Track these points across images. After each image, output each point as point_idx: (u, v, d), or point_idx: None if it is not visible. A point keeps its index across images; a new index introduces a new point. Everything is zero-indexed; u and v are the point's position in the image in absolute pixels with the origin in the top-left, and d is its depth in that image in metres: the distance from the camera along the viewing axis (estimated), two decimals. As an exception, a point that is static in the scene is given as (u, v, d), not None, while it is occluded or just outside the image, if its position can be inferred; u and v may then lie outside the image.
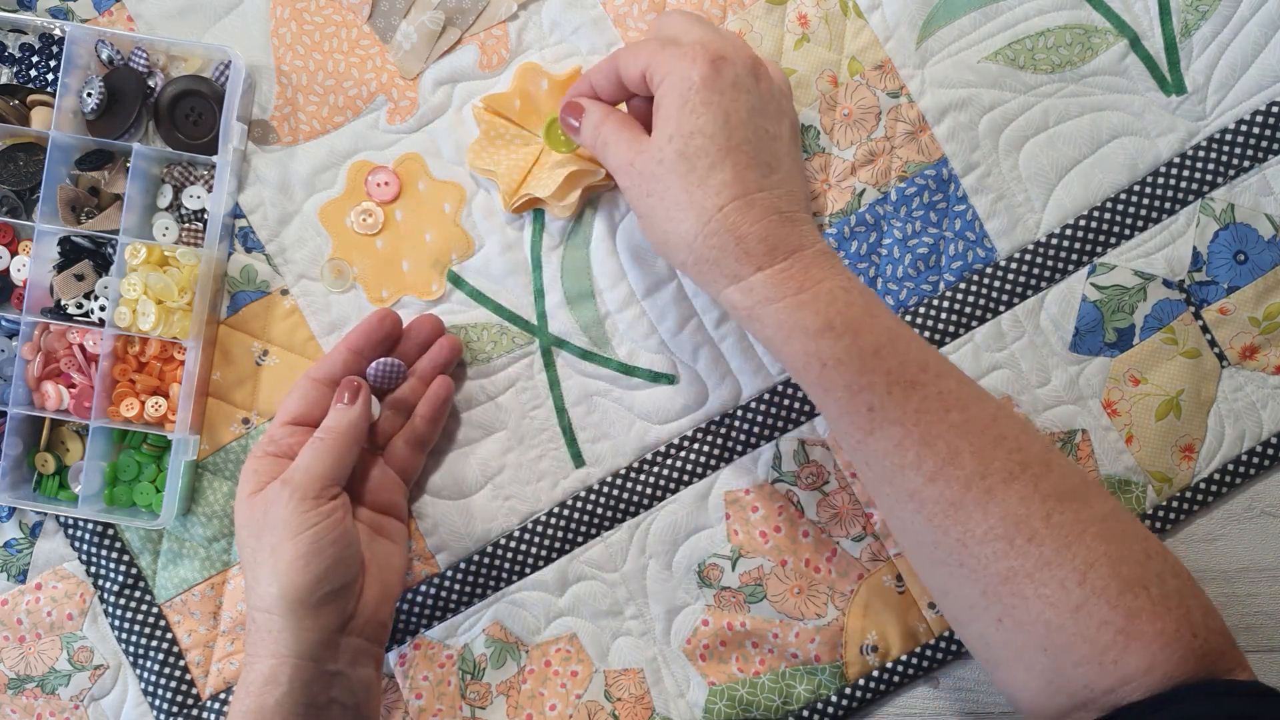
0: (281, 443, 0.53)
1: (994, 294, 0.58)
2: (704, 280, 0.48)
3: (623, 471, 0.59)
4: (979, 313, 0.58)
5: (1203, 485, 0.58)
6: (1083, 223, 0.58)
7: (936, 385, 0.46)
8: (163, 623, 0.59)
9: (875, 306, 0.47)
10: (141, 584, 0.60)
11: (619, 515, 0.59)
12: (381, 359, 0.56)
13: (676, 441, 0.59)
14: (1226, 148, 0.58)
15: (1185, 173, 0.58)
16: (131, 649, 0.59)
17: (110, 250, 0.59)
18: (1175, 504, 0.58)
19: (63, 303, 0.58)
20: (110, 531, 0.60)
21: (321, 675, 0.50)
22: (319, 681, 0.50)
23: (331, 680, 0.51)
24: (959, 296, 0.58)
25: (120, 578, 0.59)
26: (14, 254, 0.59)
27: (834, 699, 0.58)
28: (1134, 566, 0.43)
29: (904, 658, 0.58)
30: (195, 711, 0.59)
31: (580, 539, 0.59)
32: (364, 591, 0.53)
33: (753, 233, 0.46)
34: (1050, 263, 0.58)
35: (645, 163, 0.48)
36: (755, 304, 0.46)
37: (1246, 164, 0.58)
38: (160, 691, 0.59)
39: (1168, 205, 0.58)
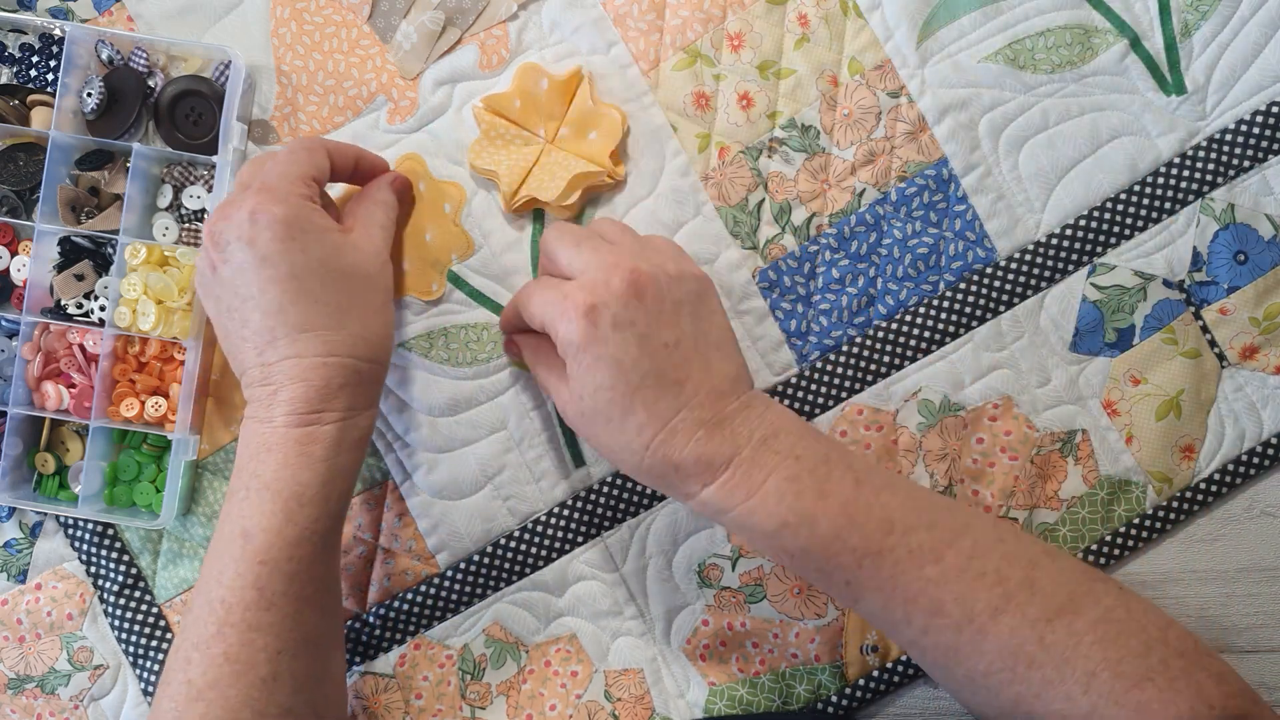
0: (314, 196, 0.51)
1: (994, 294, 0.58)
2: (669, 495, 0.50)
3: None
4: (979, 313, 0.58)
5: (1203, 485, 0.58)
6: (1083, 223, 0.58)
7: (905, 544, 0.46)
8: (163, 623, 0.59)
9: (828, 483, 0.47)
10: (141, 584, 0.60)
11: (619, 515, 0.59)
12: None
13: (676, 441, 0.59)
14: (1226, 148, 0.58)
15: (1185, 173, 0.58)
16: (131, 649, 0.60)
17: (110, 250, 0.59)
18: (1175, 504, 0.58)
19: (63, 303, 0.58)
20: (110, 531, 0.60)
21: None
22: None
23: None
24: (959, 296, 0.58)
25: (120, 578, 0.59)
26: (14, 254, 0.59)
27: (834, 699, 0.58)
28: (1136, 663, 0.44)
29: (904, 658, 0.58)
30: (195, 711, 0.59)
31: (580, 539, 0.59)
32: None
33: (685, 458, 0.47)
34: (1050, 263, 0.58)
35: (573, 413, 0.49)
36: (715, 513, 0.48)
37: (1246, 164, 0.58)
38: (160, 691, 0.59)
39: (1168, 205, 0.58)
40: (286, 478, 0.48)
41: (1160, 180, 0.58)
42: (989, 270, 0.58)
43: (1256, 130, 0.58)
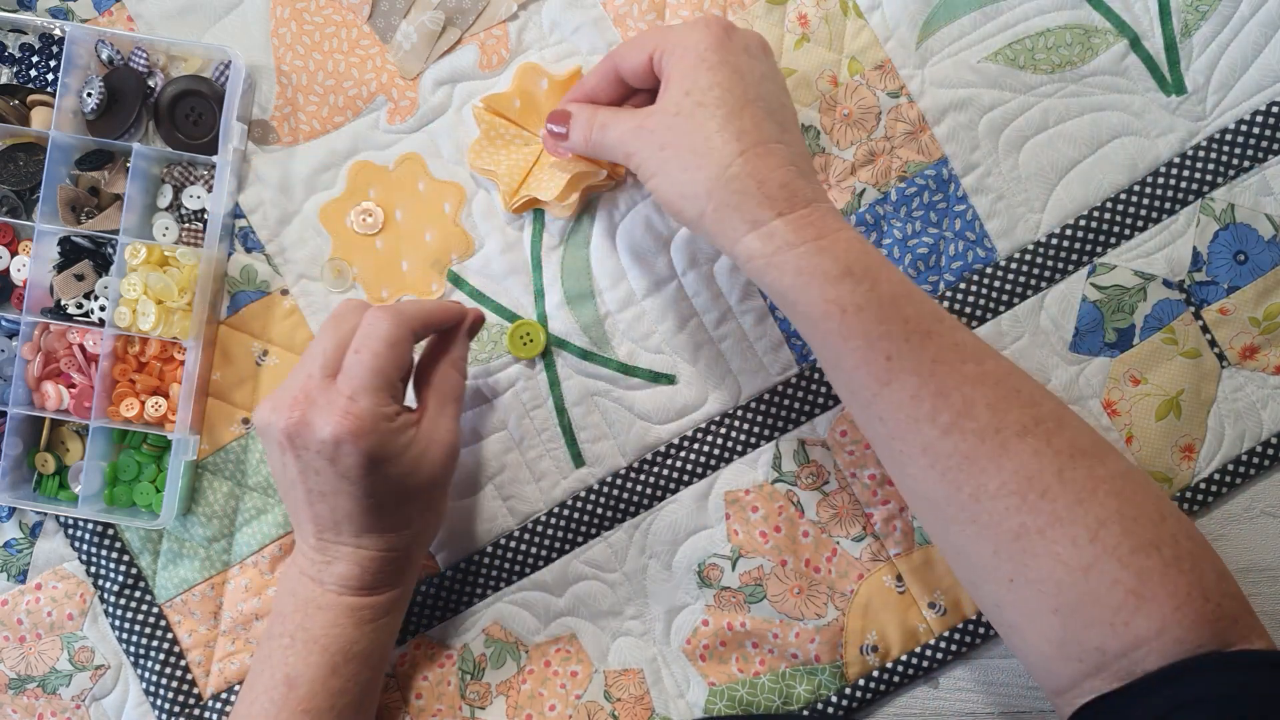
0: (398, 402, 0.50)
1: (994, 294, 0.58)
2: (721, 228, 0.47)
3: (623, 471, 0.59)
4: (979, 313, 0.58)
5: (1203, 485, 0.58)
6: (1083, 223, 0.58)
7: (952, 336, 0.46)
8: (163, 623, 0.59)
9: (887, 261, 0.47)
10: (142, 584, 0.60)
11: (619, 515, 0.59)
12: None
13: (676, 441, 0.59)
14: (1226, 148, 0.58)
15: (1185, 173, 0.58)
16: (132, 649, 0.60)
17: (110, 250, 0.59)
18: (1175, 504, 0.58)
19: (63, 303, 0.58)
20: (110, 531, 0.60)
21: None
22: None
23: None
24: (959, 296, 0.58)
25: (120, 578, 0.59)
26: (14, 254, 0.59)
27: (834, 699, 0.58)
28: (1147, 526, 0.43)
29: (904, 658, 0.58)
30: (197, 711, 0.59)
31: (580, 539, 0.59)
32: None
33: (773, 178, 0.46)
34: (1050, 263, 0.58)
35: (659, 119, 0.48)
36: (776, 249, 0.46)
37: (1246, 164, 0.58)
38: (161, 691, 0.59)
39: (1168, 205, 0.58)
40: (335, 635, 0.50)
41: (1160, 180, 0.58)
42: (989, 270, 0.58)
43: (1256, 130, 0.58)
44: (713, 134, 0.46)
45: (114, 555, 0.59)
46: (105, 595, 0.60)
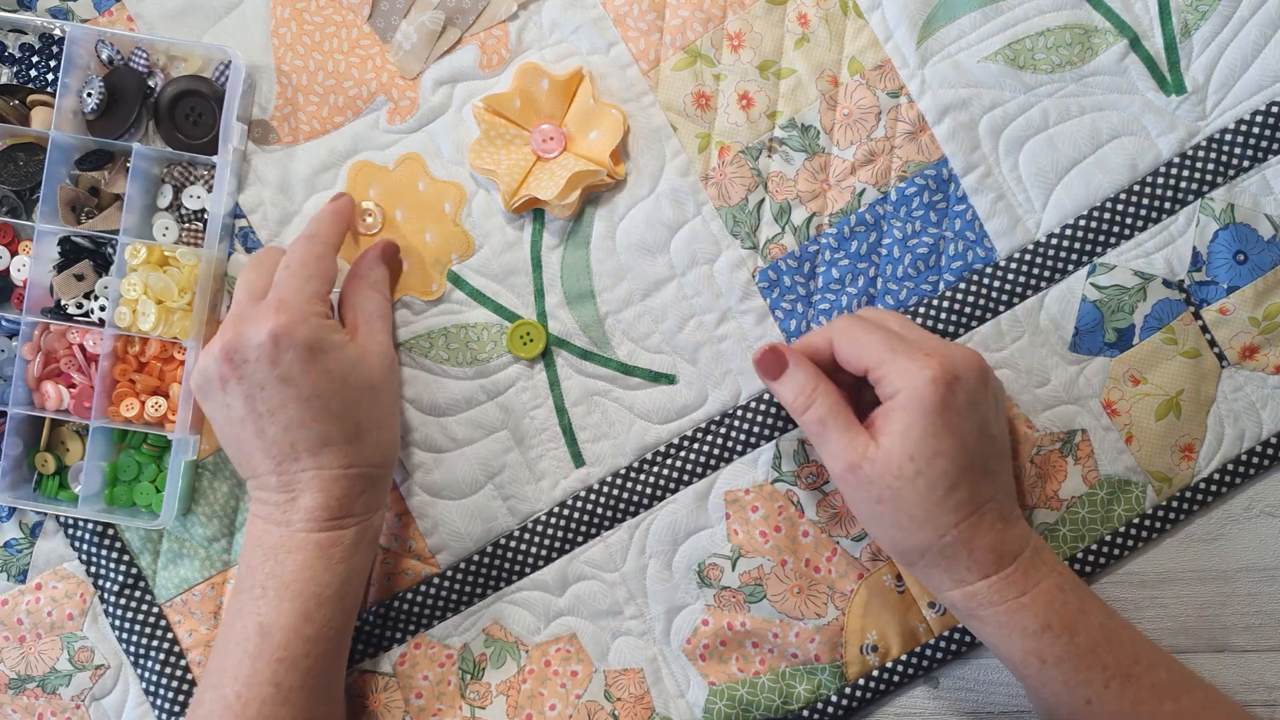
0: (326, 310, 0.52)
1: (994, 294, 0.58)
2: (927, 579, 0.50)
3: (623, 471, 0.59)
4: (979, 313, 0.58)
5: (1203, 485, 0.58)
6: (1083, 223, 0.58)
7: (1150, 676, 0.48)
8: (163, 623, 0.59)
9: (1087, 601, 0.49)
10: (142, 584, 0.60)
11: (619, 515, 0.59)
12: None
13: (676, 441, 0.59)
14: (1226, 148, 0.58)
15: (1185, 173, 0.58)
16: (132, 649, 0.60)
17: (110, 250, 0.59)
18: (1175, 504, 0.58)
19: (63, 303, 0.58)
20: (110, 531, 0.60)
21: None
22: None
23: None
24: (959, 296, 0.58)
25: (120, 578, 0.59)
26: (14, 254, 0.59)
27: (834, 699, 0.58)
28: None
29: (904, 658, 0.58)
30: (195, 711, 0.59)
31: (580, 539, 0.59)
32: None
33: (983, 544, 0.48)
34: (1050, 263, 0.58)
35: (879, 473, 0.48)
36: (978, 606, 0.49)
37: (1246, 164, 0.58)
38: (161, 691, 0.59)
39: (1168, 205, 0.58)
40: (307, 578, 0.50)
41: (1160, 180, 0.58)
42: (989, 270, 0.58)
43: (1256, 130, 0.58)
44: (932, 505, 0.48)
45: (114, 555, 0.59)
46: (105, 595, 0.60)
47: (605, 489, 0.59)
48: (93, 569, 0.60)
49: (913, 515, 0.48)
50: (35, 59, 0.60)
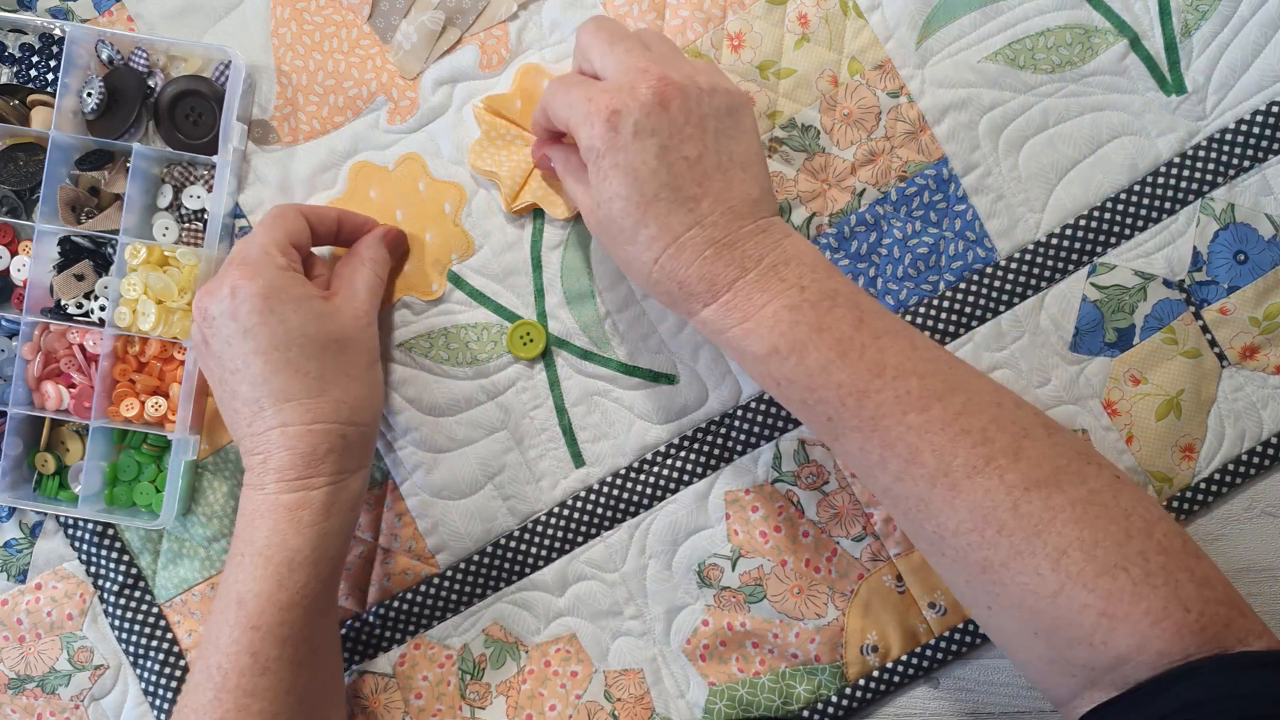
0: (294, 263, 0.52)
1: (994, 294, 0.58)
2: (671, 310, 0.51)
3: (623, 471, 0.59)
4: (979, 313, 0.58)
5: (1203, 485, 0.58)
6: (1083, 223, 0.58)
7: (893, 388, 0.46)
8: (163, 623, 0.59)
9: (828, 317, 0.46)
10: (141, 584, 0.60)
11: (619, 515, 0.59)
12: None
13: (677, 441, 0.59)
14: (1226, 148, 0.58)
15: (1185, 173, 0.58)
16: (132, 649, 0.60)
17: (110, 250, 0.59)
18: (1175, 504, 0.58)
19: (63, 303, 0.58)
20: (110, 531, 0.60)
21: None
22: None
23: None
24: (959, 296, 0.58)
25: (120, 578, 0.59)
26: (14, 254, 0.59)
27: (834, 699, 0.58)
28: (1110, 549, 0.43)
29: (904, 658, 0.58)
30: (195, 711, 0.59)
31: (580, 539, 0.59)
32: None
33: (690, 275, 0.47)
34: (1050, 263, 0.58)
35: (593, 222, 0.50)
36: (711, 334, 0.48)
37: (1246, 164, 0.58)
38: (161, 691, 0.59)
39: (1168, 205, 0.58)
40: (277, 543, 0.49)
41: (1160, 180, 0.58)
42: (989, 270, 0.58)
43: (1256, 130, 0.58)
44: (625, 246, 0.48)
45: (114, 555, 0.59)
46: (105, 595, 0.60)
47: (605, 489, 0.59)
48: (92, 569, 0.60)
49: (620, 257, 0.49)
50: (35, 59, 0.60)
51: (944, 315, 0.58)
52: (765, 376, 0.47)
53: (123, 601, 0.59)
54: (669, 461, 0.59)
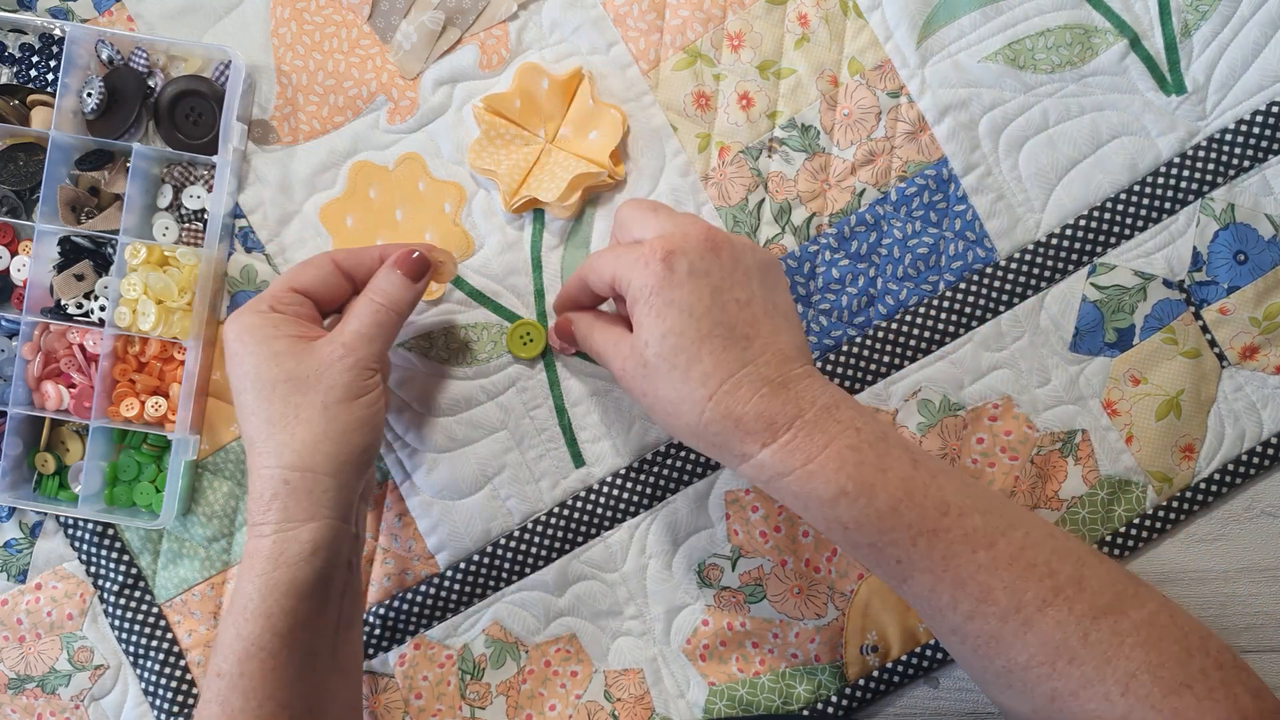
0: (290, 307, 0.51)
1: (994, 294, 0.58)
2: (719, 458, 0.49)
3: (623, 471, 0.59)
4: (979, 313, 0.58)
5: (1203, 485, 0.58)
6: (1083, 223, 0.58)
7: (960, 527, 0.46)
8: (163, 623, 0.59)
9: (886, 457, 0.47)
10: (141, 584, 0.60)
11: (619, 515, 0.59)
12: None
13: (677, 441, 0.59)
14: (1226, 148, 0.58)
15: (1185, 173, 0.58)
16: (132, 649, 0.60)
17: (110, 250, 0.59)
18: (1175, 504, 0.58)
19: (63, 303, 0.58)
20: (110, 531, 0.60)
21: (350, 537, 0.51)
22: (348, 544, 0.51)
23: (354, 543, 0.52)
24: (959, 296, 0.58)
25: (120, 578, 0.59)
26: (14, 254, 0.59)
27: (834, 699, 0.58)
28: (1175, 669, 0.44)
29: (904, 658, 0.58)
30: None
31: (580, 539, 0.59)
32: None
33: (748, 412, 0.46)
34: (1050, 263, 0.58)
35: (633, 367, 0.48)
36: (769, 479, 0.47)
37: (1246, 164, 0.58)
38: (160, 691, 0.59)
39: (1168, 205, 0.58)
40: (237, 591, 0.49)
41: (1160, 180, 0.58)
42: (989, 270, 0.58)
43: (1256, 130, 0.58)
44: (679, 384, 0.47)
45: (114, 555, 0.59)
46: (105, 595, 0.60)
47: (605, 489, 0.59)
48: (92, 569, 0.60)
49: (668, 399, 0.47)
50: (35, 59, 0.60)
51: (944, 315, 0.58)
52: (832, 521, 0.46)
53: (123, 601, 0.59)
54: (669, 461, 0.59)
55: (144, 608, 0.59)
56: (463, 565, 0.59)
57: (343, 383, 0.49)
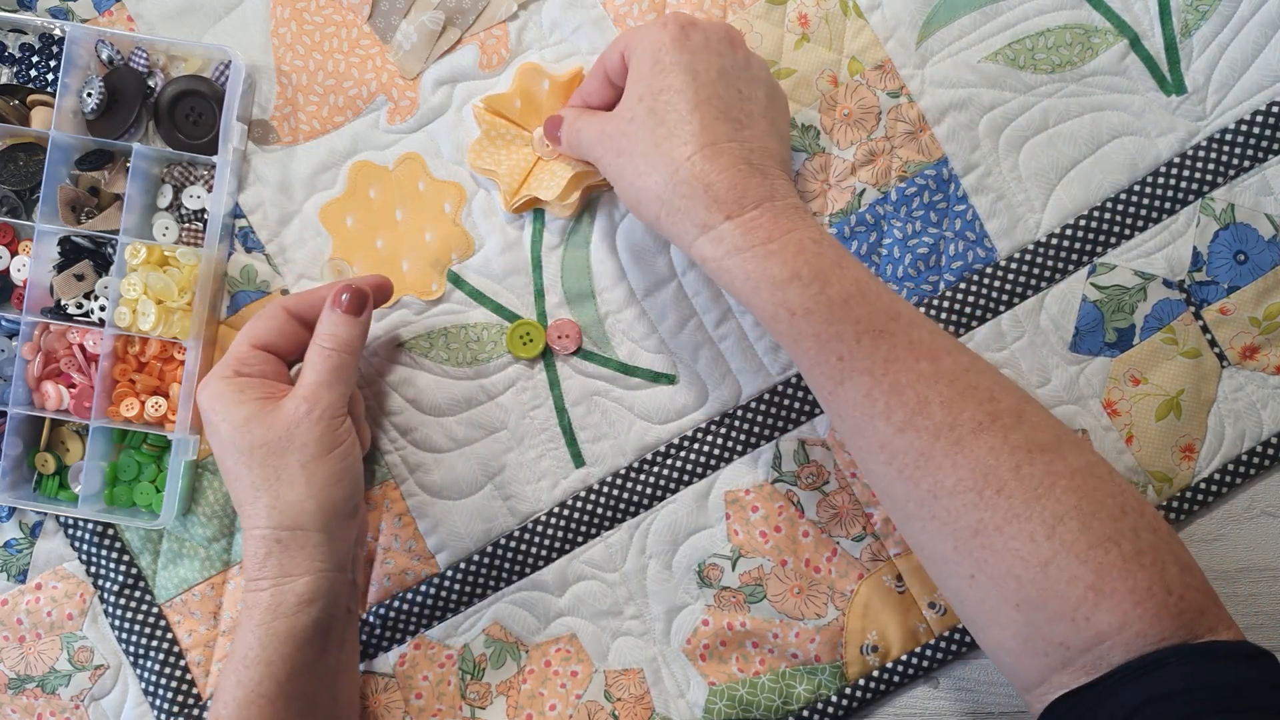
0: (253, 366, 0.52)
1: (994, 294, 0.58)
2: (676, 232, 0.48)
3: (623, 471, 0.59)
4: (979, 313, 0.58)
5: (1203, 485, 0.58)
6: (1083, 223, 0.58)
7: (907, 334, 0.45)
8: (163, 623, 0.59)
9: (845, 258, 0.47)
10: (141, 584, 0.60)
11: (619, 515, 0.59)
12: None
13: (676, 441, 0.59)
14: (1226, 148, 0.58)
15: (1185, 173, 0.58)
16: (132, 649, 0.60)
17: (110, 250, 0.59)
18: (1175, 504, 0.58)
19: (63, 303, 0.58)
20: (110, 531, 0.60)
21: (347, 584, 0.52)
22: (345, 591, 0.52)
23: (351, 589, 0.52)
24: (959, 296, 0.58)
25: (120, 578, 0.59)
26: (14, 254, 0.59)
27: (834, 699, 0.58)
28: (1106, 521, 0.43)
29: (904, 658, 0.58)
30: (196, 711, 0.59)
31: (580, 539, 0.59)
32: None
33: (721, 180, 0.46)
34: (1050, 263, 0.58)
35: (616, 125, 0.49)
36: (724, 254, 0.46)
37: (1246, 164, 0.58)
38: (161, 691, 0.59)
39: (1168, 205, 0.58)
40: (238, 641, 0.50)
41: (1160, 180, 0.58)
42: (989, 270, 0.58)
43: (1256, 130, 0.58)
44: (661, 140, 0.47)
45: (114, 555, 0.59)
46: (105, 595, 0.60)
47: (605, 489, 0.59)
48: (93, 569, 0.60)
49: (646, 154, 0.47)
50: (35, 59, 0.60)
51: (944, 315, 0.58)
52: (779, 306, 0.46)
53: (123, 601, 0.59)
54: (669, 461, 0.59)
55: (144, 608, 0.59)
56: (463, 565, 0.59)
57: (314, 438, 0.50)
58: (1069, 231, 0.58)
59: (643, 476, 0.59)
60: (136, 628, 0.59)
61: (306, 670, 0.50)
